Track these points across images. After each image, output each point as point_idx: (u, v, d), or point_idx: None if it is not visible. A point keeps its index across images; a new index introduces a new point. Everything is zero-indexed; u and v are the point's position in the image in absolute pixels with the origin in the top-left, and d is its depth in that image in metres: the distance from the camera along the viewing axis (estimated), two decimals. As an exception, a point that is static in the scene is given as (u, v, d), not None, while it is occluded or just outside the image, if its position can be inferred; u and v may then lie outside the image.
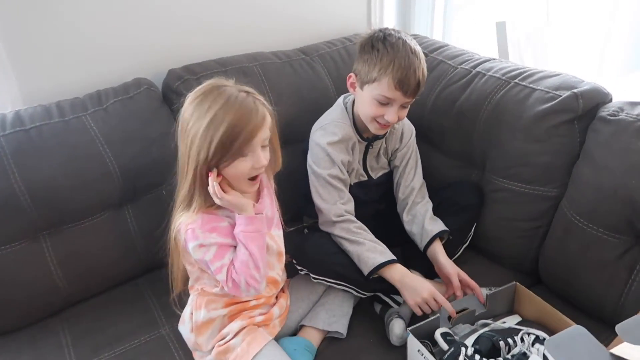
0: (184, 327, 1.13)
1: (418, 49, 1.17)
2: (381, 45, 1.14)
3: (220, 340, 1.07)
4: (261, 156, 0.99)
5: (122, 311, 1.25)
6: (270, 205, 1.12)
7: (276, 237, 1.12)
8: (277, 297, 1.16)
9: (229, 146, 0.95)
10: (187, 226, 1.00)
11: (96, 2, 1.31)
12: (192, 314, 1.10)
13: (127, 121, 1.28)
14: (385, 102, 1.15)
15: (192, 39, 1.48)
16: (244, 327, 1.07)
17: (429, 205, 1.31)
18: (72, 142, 1.21)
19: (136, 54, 1.42)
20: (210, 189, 0.98)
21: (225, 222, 1.03)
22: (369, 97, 1.16)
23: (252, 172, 1.00)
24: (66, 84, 1.34)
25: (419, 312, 1.11)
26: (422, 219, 1.27)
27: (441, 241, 1.25)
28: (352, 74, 1.22)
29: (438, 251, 1.23)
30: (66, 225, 1.21)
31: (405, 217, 1.30)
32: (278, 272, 1.13)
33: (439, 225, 1.26)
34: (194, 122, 0.96)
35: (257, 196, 1.11)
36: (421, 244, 1.25)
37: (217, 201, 0.98)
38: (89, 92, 1.32)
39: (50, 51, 1.31)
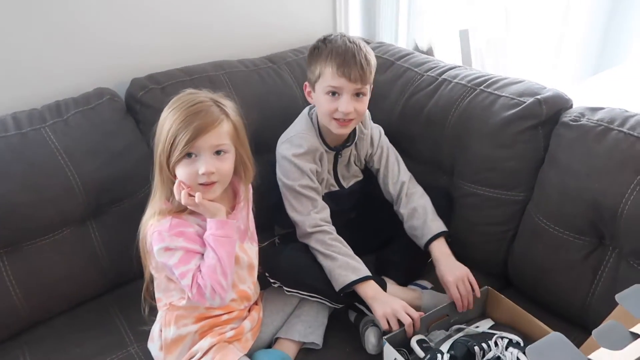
0: (153, 344, 1.10)
1: (359, 41, 1.19)
2: (321, 44, 1.19)
3: (190, 359, 1.04)
4: (207, 162, 0.97)
5: (87, 331, 1.19)
6: (245, 218, 1.10)
7: (249, 250, 1.10)
8: (249, 310, 1.14)
9: (172, 142, 0.96)
10: (153, 228, 0.99)
11: (51, 5, 1.26)
12: (161, 330, 1.07)
13: (89, 133, 1.23)
14: (334, 93, 1.16)
15: (156, 46, 1.44)
16: (214, 344, 1.04)
17: (426, 198, 1.29)
18: (31, 156, 1.16)
19: (96, 62, 1.37)
20: (176, 191, 0.97)
21: (194, 228, 1.01)
22: (320, 94, 1.18)
23: (200, 178, 0.97)
24: (22, 94, 1.28)
25: (385, 326, 1.08)
26: (423, 213, 1.25)
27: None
28: (306, 83, 1.24)
29: (439, 250, 1.20)
30: (25, 243, 1.16)
31: (404, 212, 1.27)
32: (249, 285, 1.11)
33: (441, 225, 1.24)
34: (160, 123, 1.00)
35: (232, 208, 1.09)
36: (422, 241, 1.23)
37: (188, 203, 0.97)
38: (47, 102, 1.27)
39: (3, 59, 1.25)
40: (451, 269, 1.17)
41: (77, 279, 1.23)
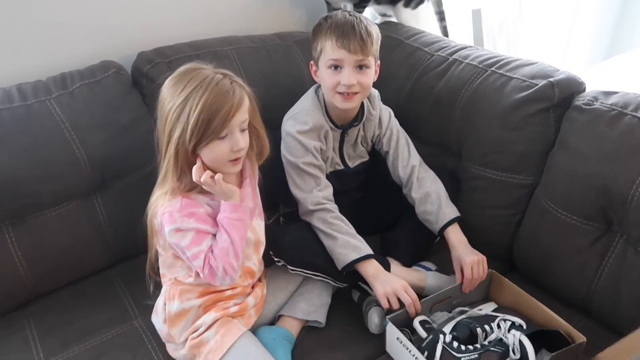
0: (157, 318, 1.10)
1: (359, 15, 1.18)
2: (322, 21, 1.18)
3: (193, 333, 1.04)
4: (239, 139, 0.98)
5: (92, 304, 1.20)
6: (252, 195, 1.10)
7: (256, 227, 1.10)
8: (252, 287, 1.14)
9: (205, 127, 0.94)
10: (164, 209, 0.98)
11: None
12: (165, 304, 1.07)
13: (94, 106, 1.22)
14: (336, 67, 1.15)
15: (163, 20, 1.42)
16: (218, 319, 1.05)
17: (438, 182, 1.28)
18: (36, 128, 1.15)
19: (103, 34, 1.35)
20: (196, 175, 0.96)
21: (204, 208, 1.01)
22: (323, 70, 1.17)
23: (231, 155, 0.99)
24: (27, 65, 1.27)
25: (385, 304, 1.08)
26: (437, 198, 1.24)
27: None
28: (311, 62, 1.23)
29: (455, 236, 1.20)
30: (31, 215, 1.16)
31: (416, 196, 1.26)
32: (255, 262, 1.12)
33: (455, 210, 1.24)
34: (170, 101, 0.97)
35: (239, 185, 1.08)
36: (437, 226, 1.22)
37: (207, 183, 0.96)
38: (53, 74, 1.25)
39: (9, 30, 1.23)
40: (469, 252, 1.17)
41: (82, 252, 1.23)
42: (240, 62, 1.39)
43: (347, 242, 1.14)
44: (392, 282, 1.10)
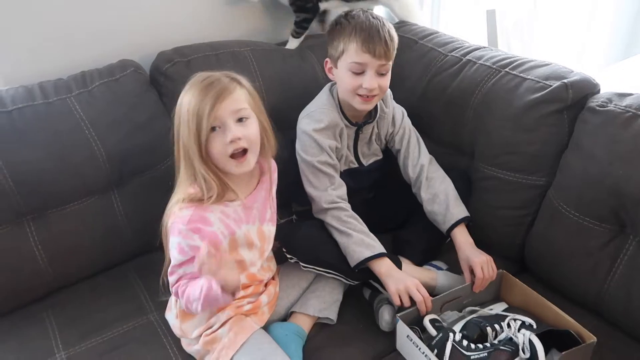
0: (170, 314, 1.13)
1: (381, 17, 1.18)
2: (343, 20, 1.18)
3: (207, 330, 1.06)
4: (233, 128, 0.97)
5: (108, 297, 1.23)
6: (265, 199, 1.11)
7: (265, 232, 1.11)
8: (265, 285, 1.16)
9: (196, 120, 0.95)
10: (174, 217, 0.99)
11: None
12: (177, 300, 1.09)
13: (113, 104, 1.25)
14: (359, 71, 1.15)
15: (182, 22, 1.44)
16: (231, 317, 1.07)
17: (448, 182, 1.28)
18: (56, 125, 1.18)
19: (122, 34, 1.38)
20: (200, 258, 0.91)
21: (214, 226, 1.01)
22: (343, 71, 1.17)
23: (229, 147, 0.98)
24: (48, 64, 1.30)
25: (397, 301, 1.09)
26: (445, 199, 1.24)
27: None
28: (327, 59, 1.23)
29: (462, 237, 1.21)
30: (51, 210, 1.19)
31: (424, 196, 1.27)
32: (258, 268, 1.11)
33: (464, 210, 1.25)
34: (177, 108, 1.00)
35: (252, 187, 1.09)
36: (444, 226, 1.23)
37: (207, 266, 0.90)
38: (73, 73, 1.28)
39: (32, 30, 1.26)
40: (477, 253, 1.18)
41: (100, 247, 1.26)
42: (256, 62, 1.41)
43: (361, 240, 1.15)
44: (404, 279, 1.11)
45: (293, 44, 1.54)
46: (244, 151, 1.00)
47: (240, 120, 0.99)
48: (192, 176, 1.00)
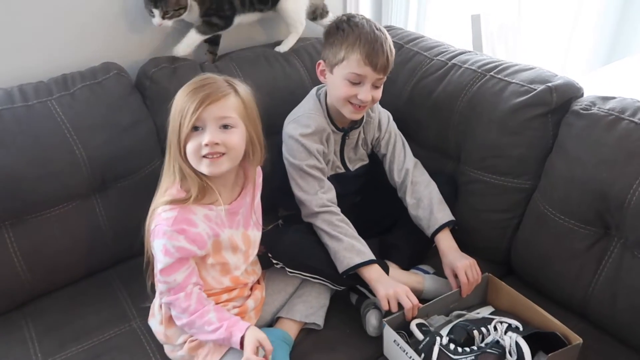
0: (154, 319, 1.10)
1: (382, 28, 1.18)
2: (346, 26, 1.16)
3: (192, 336, 1.04)
4: (212, 133, 0.96)
5: (90, 304, 1.20)
6: (249, 204, 1.10)
7: (251, 236, 1.10)
8: (251, 289, 1.14)
9: (182, 115, 0.96)
10: (159, 219, 0.98)
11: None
12: (161, 306, 1.07)
13: (95, 107, 1.23)
14: (356, 82, 1.15)
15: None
16: None
17: (433, 186, 1.28)
18: (37, 128, 1.16)
19: (108, 37, 1.36)
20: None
21: (199, 227, 0.99)
22: (339, 78, 1.16)
23: (204, 149, 0.96)
24: (29, 66, 1.28)
25: (386, 306, 1.08)
26: (429, 204, 1.24)
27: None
28: (320, 61, 1.22)
29: (445, 241, 1.21)
30: (30, 215, 1.16)
31: (409, 201, 1.27)
32: (242, 272, 1.10)
33: (448, 214, 1.24)
34: (171, 105, 1.00)
35: (237, 194, 1.09)
36: (428, 231, 1.23)
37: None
38: (54, 76, 1.26)
39: (10, 30, 1.24)
40: (460, 257, 1.18)
41: (81, 253, 1.23)
42: (240, 70, 1.40)
43: (352, 246, 1.14)
44: (394, 285, 1.10)
45: (189, 41, 1.35)
46: (221, 154, 0.99)
47: (224, 127, 0.99)
48: (173, 173, 1.00)
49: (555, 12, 2.49)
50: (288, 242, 1.16)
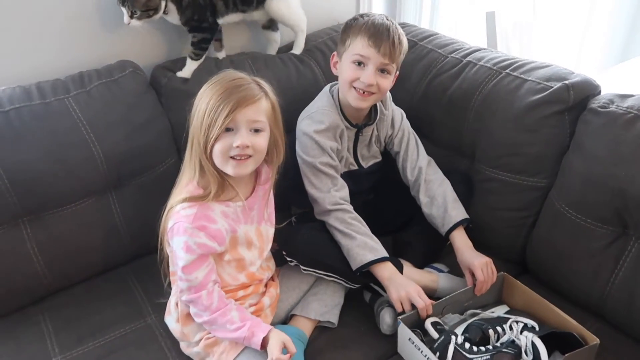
0: (170, 317, 1.11)
1: (395, 22, 1.19)
2: (358, 17, 1.19)
3: (208, 333, 1.05)
4: (244, 136, 0.97)
5: (106, 300, 1.22)
6: (262, 200, 1.11)
7: (264, 232, 1.11)
8: (266, 286, 1.15)
9: (213, 116, 0.96)
10: (177, 217, 0.98)
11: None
12: (177, 303, 1.08)
13: (111, 105, 1.24)
14: (360, 63, 1.15)
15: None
16: None
17: (446, 184, 1.27)
18: (54, 125, 1.17)
19: (124, 35, 1.37)
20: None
21: (219, 223, 1.00)
22: (346, 63, 1.17)
23: (233, 150, 0.98)
24: (47, 64, 1.29)
25: (399, 308, 1.09)
26: (443, 202, 1.24)
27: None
28: (334, 53, 1.24)
29: (461, 239, 1.20)
30: (47, 212, 1.18)
31: (423, 199, 1.26)
32: (258, 267, 1.11)
33: (462, 212, 1.24)
34: (196, 100, 1.01)
35: (253, 189, 1.09)
36: (443, 229, 1.23)
37: None
38: (71, 73, 1.27)
39: (28, 29, 1.25)
40: (476, 256, 1.17)
41: (97, 249, 1.25)
42: (255, 69, 1.40)
43: (364, 243, 1.14)
44: (406, 285, 1.10)
45: (191, 67, 1.34)
46: (248, 157, 1.00)
47: (255, 130, 1.00)
48: (193, 168, 1.01)
49: (570, 10, 2.47)
50: (301, 239, 1.16)
